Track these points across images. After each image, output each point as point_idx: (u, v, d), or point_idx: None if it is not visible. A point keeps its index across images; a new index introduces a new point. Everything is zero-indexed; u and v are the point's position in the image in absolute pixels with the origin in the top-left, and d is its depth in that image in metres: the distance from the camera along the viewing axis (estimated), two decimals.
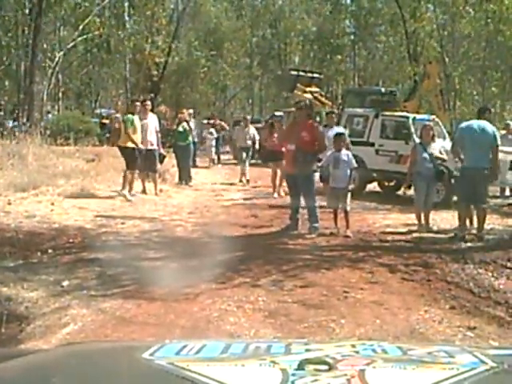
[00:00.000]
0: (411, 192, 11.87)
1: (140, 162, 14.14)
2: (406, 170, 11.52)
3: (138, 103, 14.62)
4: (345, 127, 14.66)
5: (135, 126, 13.74)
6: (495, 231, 10.40)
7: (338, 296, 6.77)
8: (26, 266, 7.93)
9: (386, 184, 16.76)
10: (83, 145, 20.04)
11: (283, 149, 10.88)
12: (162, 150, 14.86)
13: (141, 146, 13.71)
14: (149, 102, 15.22)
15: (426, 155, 10.70)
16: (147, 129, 14.26)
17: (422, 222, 10.76)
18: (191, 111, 24.48)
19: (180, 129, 16.94)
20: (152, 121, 14.55)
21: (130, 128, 13.63)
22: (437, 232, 10.71)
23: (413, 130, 14.58)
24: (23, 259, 8.23)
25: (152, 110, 15.60)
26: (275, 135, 15.54)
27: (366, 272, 7.81)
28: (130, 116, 14.13)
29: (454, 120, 26.58)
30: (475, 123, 10.06)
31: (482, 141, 9.80)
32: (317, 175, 10.75)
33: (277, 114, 25.09)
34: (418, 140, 12.14)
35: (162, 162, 15.04)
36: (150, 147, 14.22)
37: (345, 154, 10.17)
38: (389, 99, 23.37)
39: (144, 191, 14.27)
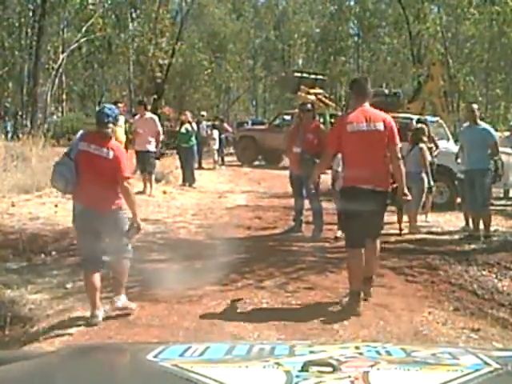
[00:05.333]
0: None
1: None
2: None
3: (120, 105, 14.71)
4: None
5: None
6: (499, 233, 10.39)
7: (342, 298, 6.77)
8: (30, 267, 7.95)
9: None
10: None
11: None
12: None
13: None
14: (145, 103, 15.20)
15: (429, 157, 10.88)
16: (144, 129, 14.25)
17: (418, 223, 10.83)
18: (204, 113, 24.51)
19: (183, 130, 16.93)
20: (149, 122, 14.47)
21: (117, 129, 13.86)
22: (441, 234, 10.70)
23: None
24: (27, 261, 8.25)
25: (155, 112, 15.54)
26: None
27: None
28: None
29: (458, 122, 26.55)
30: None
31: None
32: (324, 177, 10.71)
33: (286, 117, 24.97)
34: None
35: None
36: (144, 149, 14.17)
37: None
38: (392, 101, 23.35)
39: (143, 191, 14.24)
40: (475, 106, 10.58)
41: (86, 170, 5.89)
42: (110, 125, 6.06)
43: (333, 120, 19.33)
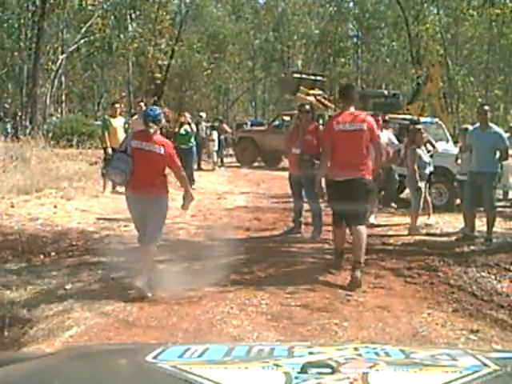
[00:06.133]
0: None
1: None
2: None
3: (117, 105, 14.72)
4: None
5: (113, 128, 13.91)
6: (498, 234, 10.38)
7: (341, 299, 6.77)
8: (29, 269, 7.95)
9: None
10: (86, 147, 20.07)
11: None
12: None
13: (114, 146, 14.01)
14: (143, 104, 15.18)
15: (423, 157, 10.81)
16: None
17: (418, 224, 10.82)
18: (203, 114, 24.48)
19: (182, 131, 16.92)
20: None
21: (106, 130, 13.88)
22: (440, 235, 10.70)
23: None
24: (26, 262, 8.24)
25: None
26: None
27: (368, 275, 7.79)
28: (106, 117, 14.37)
29: (457, 123, 26.58)
30: None
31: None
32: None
33: (285, 118, 24.94)
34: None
35: None
36: None
37: None
38: (392, 102, 23.38)
39: None
40: (487, 108, 10.46)
41: (140, 164, 6.89)
42: (154, 124, 7.09)
43: None
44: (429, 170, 11.03)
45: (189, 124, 17.24)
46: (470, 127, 11.22)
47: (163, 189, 7.06)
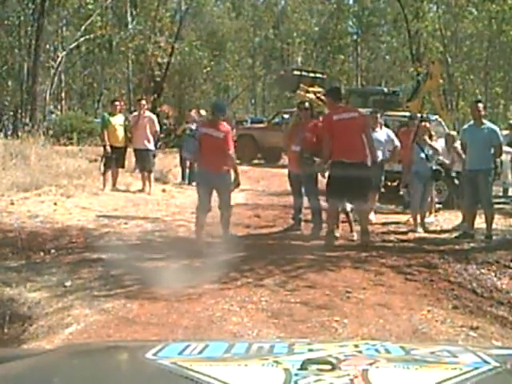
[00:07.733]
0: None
1: (136, 162, 14.93)
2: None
3: (116, 103, 14.70)
4: None
5: (112, 125, 13.91)
6: (498, 231, 10.38)
7: (341, 296, 6.77)
8: (29, 266, 7.95)
9: (389, 184, 16.70)
10: (86, 145, 20.05)
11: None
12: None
13: (119, 144, 14.21)
14: (144, 102, 15.15)
15: (423, 155, 10.70)
16: (143, 128, 14.22)
17: (418, 221, 10.78)
18: (203, 112, 24.43)
19: (188, 132, 16.85)
20: (148, 120, 14.46)
21: (105, 128, 13.91)
22: (439, 232, 10.71)
23: None
24: (26, 259, 8.24)
25: (154, 111, 15.44)
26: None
27: (368, 272, 7.80)
28: (105, 115, 14.40)
29: (457, 120, 26.55)
30: None
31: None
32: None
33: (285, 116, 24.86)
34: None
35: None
36: (143, 147, 14.19)
37: None
38: (391, 99, 23.36)
39: (142, 190, 14.24)
40: (481, 104, 10.42)
41: (206, 146, 8.81)
42: (220, 114, 9.06)
43: None
44: (428, 166, 10.89)
45: (195, 122, 17.16)
46: (454, 133, 11.29)
47: (225, 166, 8.91)
